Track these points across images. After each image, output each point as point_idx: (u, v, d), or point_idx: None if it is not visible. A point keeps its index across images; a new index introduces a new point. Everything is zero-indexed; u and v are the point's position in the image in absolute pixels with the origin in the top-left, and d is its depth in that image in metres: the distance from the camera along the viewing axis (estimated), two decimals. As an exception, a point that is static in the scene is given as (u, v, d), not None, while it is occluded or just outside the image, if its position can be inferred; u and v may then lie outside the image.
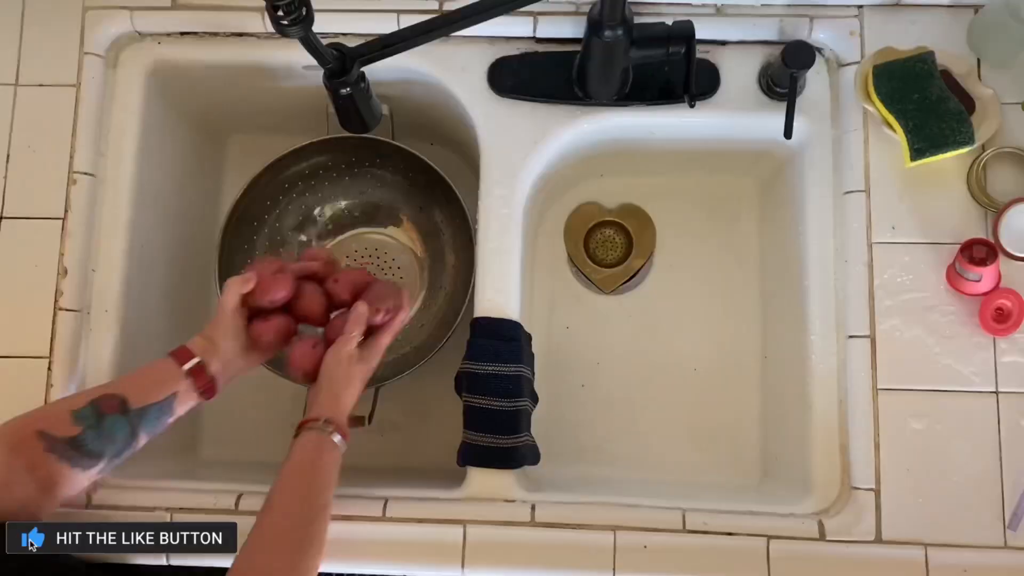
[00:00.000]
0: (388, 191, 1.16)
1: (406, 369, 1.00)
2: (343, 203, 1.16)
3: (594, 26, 0.83)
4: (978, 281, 0.86)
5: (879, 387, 0.88)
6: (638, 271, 1.14)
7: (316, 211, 1.15)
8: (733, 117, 0.96)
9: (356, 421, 0.97)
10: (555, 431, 1.11)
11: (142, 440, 0.77)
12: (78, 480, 0.72)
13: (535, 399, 1.00)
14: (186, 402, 0.80)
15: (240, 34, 0.99)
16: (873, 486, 0.87)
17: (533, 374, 1.00)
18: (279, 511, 0.75)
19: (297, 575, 0.72)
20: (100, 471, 0.74)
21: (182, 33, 0.99)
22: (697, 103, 0.95)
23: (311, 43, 0.72)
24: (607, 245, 1.16)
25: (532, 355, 1.00)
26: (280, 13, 0.68)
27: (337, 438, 0.80)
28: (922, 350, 0.89)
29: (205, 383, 0.81)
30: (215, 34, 0.99)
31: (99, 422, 0.72)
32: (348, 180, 1.13)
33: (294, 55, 0.98)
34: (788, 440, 1.00)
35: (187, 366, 0.79)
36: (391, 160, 1.10)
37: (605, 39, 0.83)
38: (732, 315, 1.14)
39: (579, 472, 1.09)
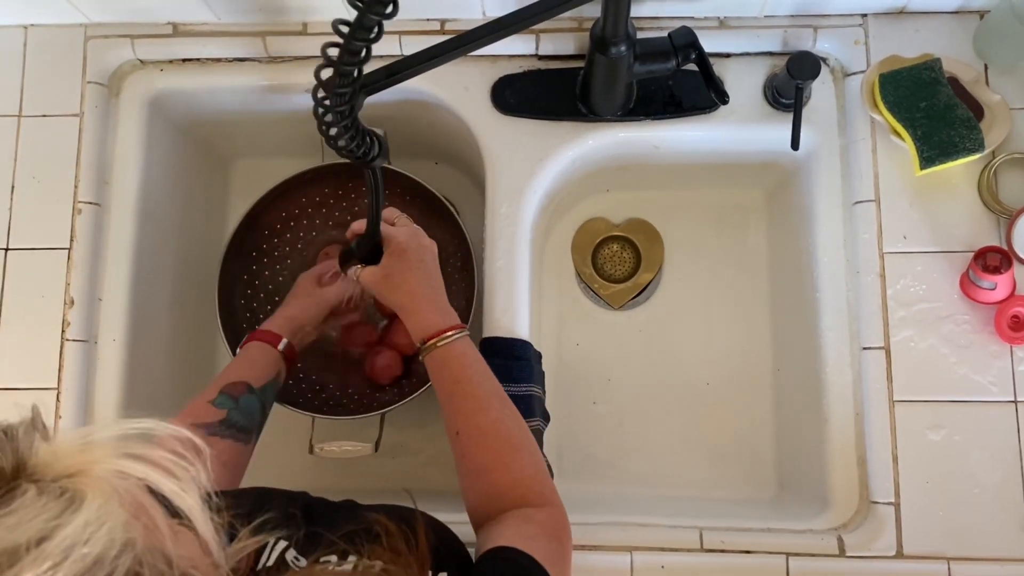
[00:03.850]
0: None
1: (412, 393, 0.99)
2: (341, 228, 1.15)
3: (598, 43, 0.83)
4: (993, 289, 0.85)
5: (895, 399, 0.87)
6: (647, 286, 1.14)
7: (316, 236, 1.14)
8: (739, 129, 0.96)
9: (318, 448, 0.99)
10: (567, 449, 1.10)
11: (268, 412, 0.86)
12: (244, 453, 0.81)
13: (547, 418, 0.98)
14: (283, 375, 0.89)
15: (242, 59, 0.99)
16: (892, 500, 0.86)
17: (544, 393, 0.99)
18: (485, 416, 0.74)
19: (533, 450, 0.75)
20: (254, 442, 0.82)
21: (184, 60, 0.99)
22: (702, 116, 0.95)
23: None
24: (615, 260, 1.16)
25: (543, 373, 0.99)
26: (361, 154, 0.65)
27: (459, 335, 0.78)
28: (938, 360, 0.88)
29: (293, 357, 0.90)
30: (217, 60, 0.99)
31: (236, 403, 0.80)
32: (346, 205, 1.12)
33: (296, 78, 0.98)
34: (803, 454, 0.99)
35: (281, 347, 0.88)
36: (388, 183, 1.09)
37: (610, 56, 0.83)
38: (743, 328, 1.13)
39: (592, 491, 1.08)
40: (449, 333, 0.78)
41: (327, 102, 0.60)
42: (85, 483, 0.37)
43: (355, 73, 0.59)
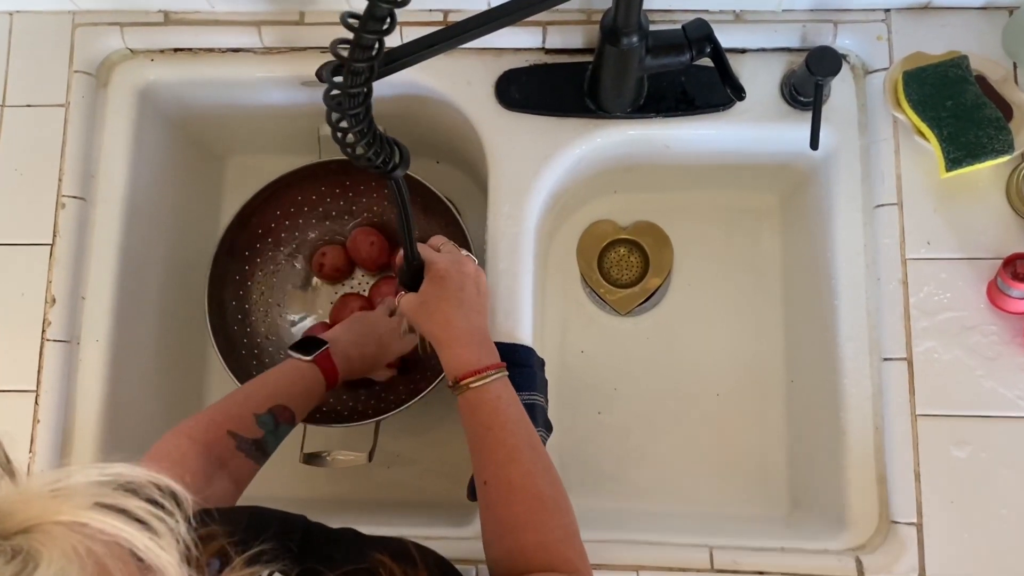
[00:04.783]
0: (385, 214, 1.11)
1: (409, 400, 0.95)
2: (338, 228, 1.12)
3: (608, 34, 0.79)
4: (1023, 298, 0.80)
5: (918, 413, 0.83)
6: (655, 291, 1.09)
7: (311, 236, 1.10)
8: (754, 128, 0.92)
9: (309, 458, 0.96)
10: (571, 461, 1.06)
11: None
12: (254, 472, 0.78)
13: (549, 428, 0.94)
14: None
15: (236, 50, 0.95)
16: (914, 520, 0.81)
17: (547, 401, 0.95)
18: (516, 468, 0.69)
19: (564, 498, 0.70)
20: (261, 467, 0.79)
21: (176, 50, 0.96)
22: (716, 114, 0.91)
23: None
24: (622, 264, 1.12)
25: (545, 381, 0.95)
26: (380, 163, 0.60)
27: (495, 376, 0.73)
28: (963, 373, 0.83)
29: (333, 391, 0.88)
30: (210, 50, 0.95)
31: (276, 428, 0.78)
32: (343, 204, 1.08)
33: (292, 71, 0.94)
34: (819, 469, 0.94)
35: (331, 397, 0.87)
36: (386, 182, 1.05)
37: (621, 47, 0.79)
38: (755, 336, 1.08)
39: (597, 505, 1.04)
40: (485, 374, 0.72)
41: (340, 104, 0.56)
42: (43, 542, 0.34)
43: (369, 71, 0.55)
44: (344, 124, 0.56)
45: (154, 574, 0.38)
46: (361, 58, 0.52)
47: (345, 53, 0.51)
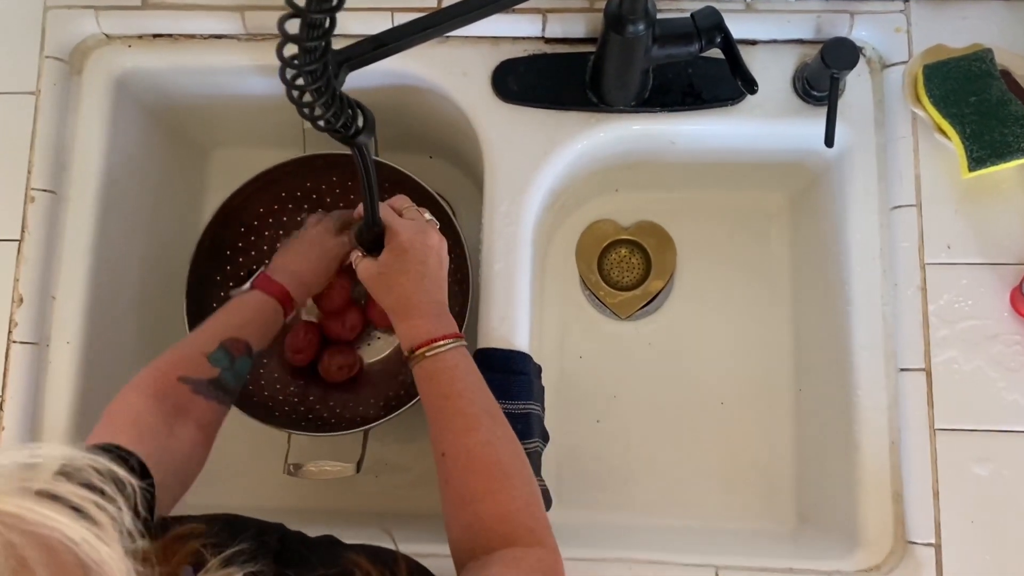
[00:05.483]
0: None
1: (399, 407, 0.90)
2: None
3: (613, 21, 0.74)
4: (1050, 307, 0.76)
5: (936, 427, 0.79)
6: (657, 294, 1.05)
7: (295, 236, 1.05)
8: (764, 124, 0.87)
9: (294, 468, 0.91)
10: (568, 473, 1.02)
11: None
12: (221, 414, 0.74)
13: (546, 438, 0.90)
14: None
15: (219, 36, 0.90)
16: (932, 540, 0.77)
17: (543, 410, 0.90)
18: (474, 436, 0.67)
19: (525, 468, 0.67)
20: (230, 405, 0.76)
21: (154, 35, 0.91)
22: (724, 108, 0.87)
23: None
24: (623, 266, 1.07)
25: (542, 388, 0.90)
26: (340, 126, 0.56)
27: (452, 344, 0.71)
28: (985, 385, 0.79)
29: (294, 318, 0.85)
30: (191, 36, 0.90)
31: (232, 363, 0.74)
32: (330, 201, 1.03)
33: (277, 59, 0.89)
34: (829, 484, 0.90)
35: (288, 319, 0.82)
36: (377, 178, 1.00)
37: (626, 36, 0.74)
38: (761, 343, 1.04)
39: (595, 519, 0.99)
40: (441, 342, 0.71)
41: (299, 81, 0.51)
42: None
43: (322, 47, 0.50)
44: (300, 82, 0.51)
45: (93, 571, 0.34)
46: (319, 8, 0.47)
47: (301, 2, 0.47)
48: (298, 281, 0.83)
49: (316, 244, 0.87)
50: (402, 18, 0.86)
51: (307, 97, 0.52)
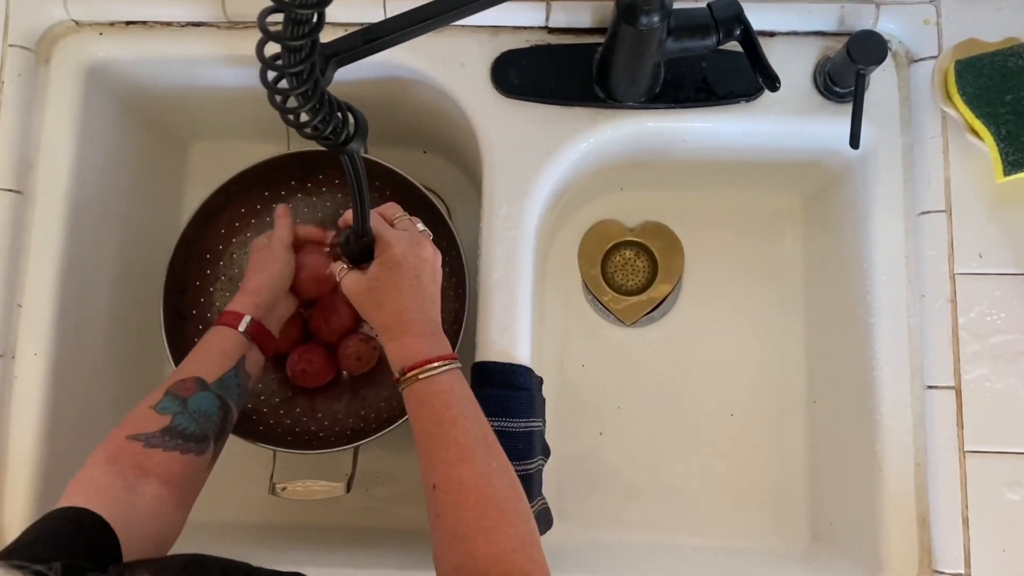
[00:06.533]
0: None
1: (393, 421, 0.84)
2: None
3: (625, 11, 0.68)
4: (1089, 322, 0.71)
5: (966, 448, 0.74)
6: (663, 300, 1.01)
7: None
8: (783, 122, 0.82)
9: (280, 490, 0.86)
10: (570, 488, 0.97)
11: (235, 410, 0.74)
12: (195, 464, 0.69)
13: (547, 453, 0.85)
14: (256, 361, 0.78)
15: (196, 24, 0.84)
16: (962, 570, 0.73)
17: (544, 423, 0.85)
18: (468, 468, 0.63)
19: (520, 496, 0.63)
20: (213, 449, 0.71)
21: (128, 23, 0.84)
22: (740, 105, 0.81)
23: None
24: (628, 269, 1.02)
25: (543, 400, 0.85)
26: (329, 133, 0.51)
27: (447, 366, 0.66)
28: (1018, 404, 0.75)
29: (265, 338, 0.79)
30: (167, 24, 0.84)
31: (184, 405, 0.69)
32: (315, 200, 0.97)
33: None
34: (846, 503, 0.85)
35: (242, 327, 0.76)
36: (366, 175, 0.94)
37: (639, 27, 0.68)
38: (773, 352, 1.00)
39: (598, 537, 0.95)
40: (436, 364, 0.66)
41: (282, 85, 0.46)
42: None
43: (308, 46, 0.44)
44: (284, 85, 0.45)
45: None
46: (305, 3, 0.41)
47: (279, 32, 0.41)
48: (251, 296, 0.79)
49: (258, 254, 0.83)
50: (395, 6, 0.80)
51: (291, 102, 0.46)
